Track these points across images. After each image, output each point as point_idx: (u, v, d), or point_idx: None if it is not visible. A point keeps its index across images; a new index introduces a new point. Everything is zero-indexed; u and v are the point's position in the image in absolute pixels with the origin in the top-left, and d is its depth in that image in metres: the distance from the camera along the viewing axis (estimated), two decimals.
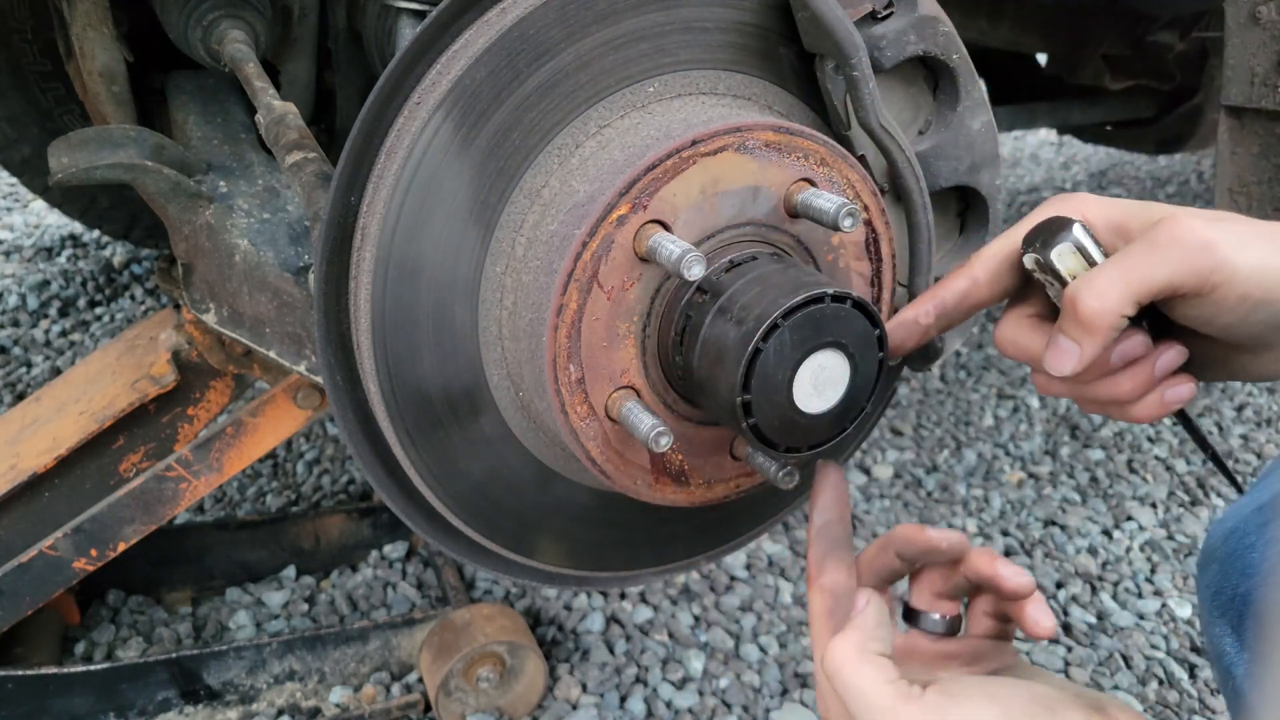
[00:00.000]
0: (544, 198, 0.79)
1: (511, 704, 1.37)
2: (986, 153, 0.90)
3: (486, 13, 0.77)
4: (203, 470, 1.25)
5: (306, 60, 1.53)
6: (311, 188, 0.95)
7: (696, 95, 0.83)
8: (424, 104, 0.76)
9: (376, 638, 1.40)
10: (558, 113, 0.79)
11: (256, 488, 1.90)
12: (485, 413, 0.85)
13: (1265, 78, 1.23)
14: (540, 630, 1.54)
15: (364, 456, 0.87)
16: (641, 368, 0.79)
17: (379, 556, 1.69)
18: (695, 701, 1.44)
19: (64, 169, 1.08)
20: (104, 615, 1.54)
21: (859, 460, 2.05)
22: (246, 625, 1.54)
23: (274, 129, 1.07)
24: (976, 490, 1.99)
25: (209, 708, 1.34)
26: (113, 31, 1.36)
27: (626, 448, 0.80)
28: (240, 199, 1.18)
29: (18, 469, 1.27)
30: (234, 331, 1.15)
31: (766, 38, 0.84)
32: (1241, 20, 1.24)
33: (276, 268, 1.10)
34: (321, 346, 0.83)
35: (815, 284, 0.72)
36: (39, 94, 2.06)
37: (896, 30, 0.82)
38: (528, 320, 0.78)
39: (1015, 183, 3.97)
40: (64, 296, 2.66)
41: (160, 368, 1.28)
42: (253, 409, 1.25)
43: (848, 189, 0.80)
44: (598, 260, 0.73)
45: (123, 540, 1.24)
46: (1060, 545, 1.83)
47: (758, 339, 0.70)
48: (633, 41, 0.79)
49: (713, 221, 0.77)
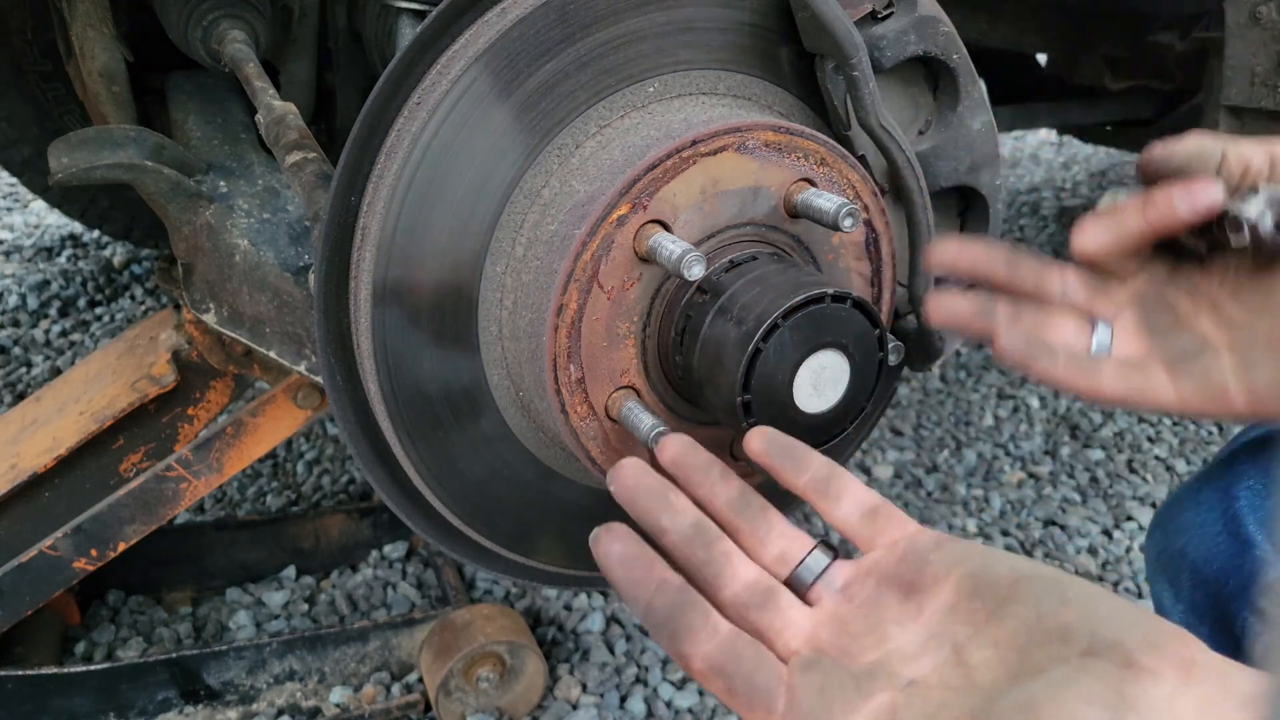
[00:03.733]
0: (544, 198, 0.79)
1: (511, 704, 1.37)
2: (986, 153, 0.90)
3: (486, 13, 0.77)
4: (203, 470, 1.24)
5: (306, 60, 1.53)
6: (311, 188, 0.95)
7: (696, 95, 0.83)
8: (424, 104, 0.76)
9: (376, 638, 1.40)
10: (558, 112, 0.79)
11: (256, 488, 1.90)
12: (485, 413, 0.85)
13: (1265, 78, 1.23)
14: (540, 630, 1.54)
15: (364, 456, 0.87)
16: (641, 368, 0.79)
17: (379, 556, 1.69)
18: (695, 701, 1.44)
19: (64, 169, 1.08)
20: (104, 615, 1.53)
21: (859, 460, 2.05)
22: (246, 625, 1.54)
23: (274, 129, 1.07)
24: (977, 490, 1.99)
25: (209, 708, 1.34)
26: (113, 31, 1.36)
27: (626, 448, 0.80)
28: (240, 199, 1.18)
29: (18, 469, 1.27)
30: (234, 331, 1.15)
31: (767, 38, 0.84)
32: (1242, 20, 1.24)
33: (276, 267, 1.10)
34: (321, 346, 0.83)
35: (815, 284, 0.72)
36: (39, 94, 2.05)
37: (896, 30, 0.82)
38: (528, 320, 0.78)
39: (1015, 182, 3.96)
40: (64, 296, 2.66)
41: (160, 368, 1.28)
42: (253, 409, 1.25)
43: (848, 189, 0.80)
44: (598, 260, 0.73)
45: (123, 540, 1.24)
46: (1060, 545, 1.83)
47: (758, 339, 0.70)
48: (633, 41, 0.79)
49: (713, 221, 0.77)
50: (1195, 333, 0.75)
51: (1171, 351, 0.76)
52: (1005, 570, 0.56)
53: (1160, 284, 0.78)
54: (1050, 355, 0.76)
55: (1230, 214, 0.69)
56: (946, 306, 0.80)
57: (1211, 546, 0.78)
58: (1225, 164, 0.72)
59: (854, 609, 0.61)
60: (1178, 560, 0.81)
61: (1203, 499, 0.82)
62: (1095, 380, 0.75)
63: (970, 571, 0.57)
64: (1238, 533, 0.76)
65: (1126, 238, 0.75)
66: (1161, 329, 0.77)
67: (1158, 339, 0.77)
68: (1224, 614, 0.75)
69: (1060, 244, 3.28)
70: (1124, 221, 0.74)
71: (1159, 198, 0.71)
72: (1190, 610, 0.79)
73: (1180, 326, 0.76)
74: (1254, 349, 0.72)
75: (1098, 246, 0.76)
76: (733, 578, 0.61)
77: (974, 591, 0.56)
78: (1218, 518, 0.78)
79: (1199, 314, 0.76)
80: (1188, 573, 0.80)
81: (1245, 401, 0.72)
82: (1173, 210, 0.71)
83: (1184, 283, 0.77)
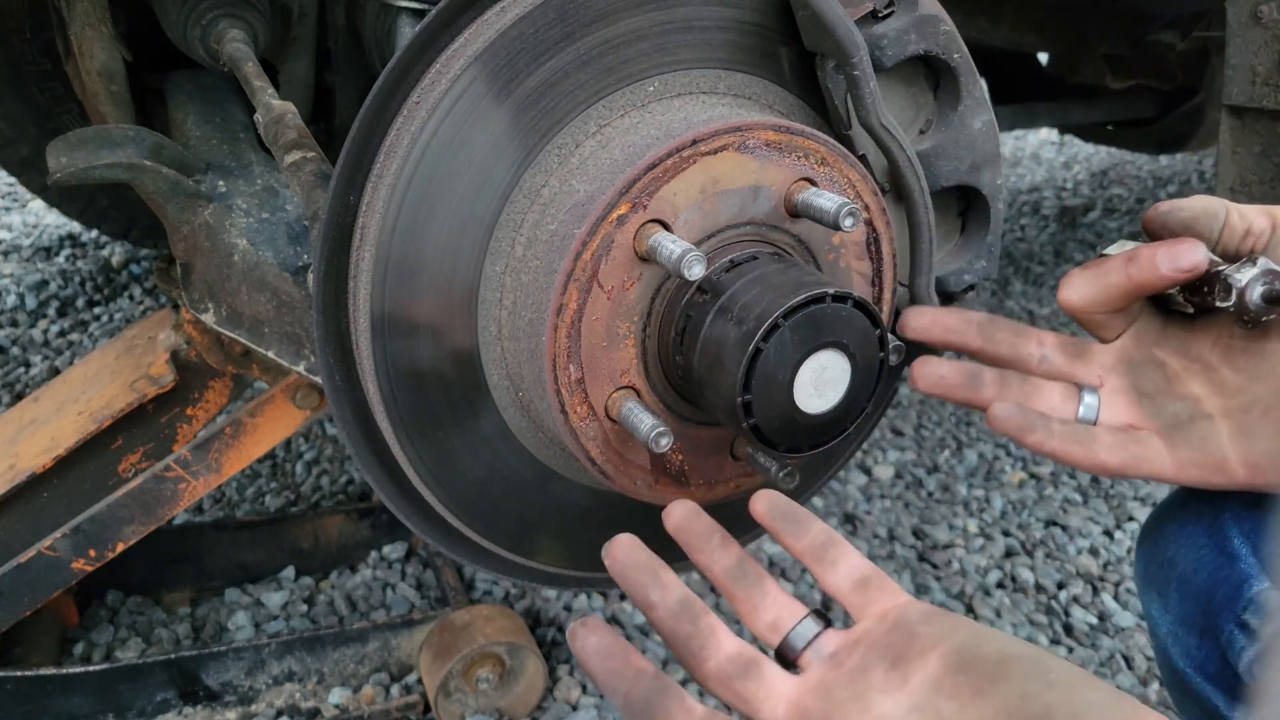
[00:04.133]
0: (544, 197, 0.79)
1: (511, 705, 1.37)
2: (988, 152, 0.90)
3: (486, 12, 0.77)
4: (202, 470, 1.24)
5: (306, 60, 1.53)
6: (310, 187, 0.94)
7: (697, 94, 0.83)
8: (423, 103, 0.76)
9: (376, 639, 1.40)
10: (558, 112, 0.78)
11: (255, 488, 1.90)
12: (485, 413, 0.85)
13: (1267, 77, 1.22)
14: (540, 631, 1.54)
15: (363, 457, 0.86)
16: (641, 368, 0.79)
17: (378, 557, 1.69)
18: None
19: (62, 168, 1.08)
20: (103, 616, 1.53)
21: (860, 460, 2.05)
22: (245, 626, 1.54)
23: (273, 128, 1.07)
24: (978, 490, 1.98)
25: (208, 709, 1.34)
26: (111, 31, 1.36)
27: (626, 448, 0.80)
28: (239, 198, 1.18)
29: (16, 469, 1.27)
30: (233, 331, 1.15)
31: (767, 37, 0.83)
32: (1243, 20, 1.23)
33: (275, 267, 1.10)
34: (320, 346, 0.82)
35: (816, 284, 0.72)
36: (37, 93, 2.05)
37: (897, 29, 0.82)
38: (527, 320, 0.78)
39: (1016, 182, 3.96)
40: (62, 296, 2.66)
41: (159, 368, 1.28)
42: (252, 409, 1.24)
43: (848, 188, 0.80)
44: (598, 260, 0.73)
45: (121, 541, 1.23)
46: (1061, 545, 1.83)
47: (758, 339, 0.70)
48: (633, 40, 0.79)
49: (713, 221, 0.76)
50: (1188, 397, 0.75)
51: (1165, 418, 0.76)
52: (993, 649, 0.58)
53: (1150, 343, 0.78)
54: (1045, 427, 0.77)
55: (1223, 277, 0.70)
56: (933, 374, 0.81)
57: (1198, 558, 0.78)
58: (1228, 225, 0.72)
59: (841, 676, 0.62)
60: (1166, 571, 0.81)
61: (1190, 510, 0.81)
62: (1093, 452, 0.76)
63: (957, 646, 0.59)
64: (1224, 545, 0.76)
65: (1111, 293, 0.75)
66: (1151, 392, 0.77)
67: (1148, 403, 0.77)
68: (1211, 625, 0.75)
69: (1061, 244, 3.28)
70: (1108, 276, 0.75)
71: (1143, 254, 0.72)
72: (1179, 621, 0.79)
73: (1171, 389, 0.76)
74: (1250, 417, 0.72)
75: (1081, 300, 0.77)
76: (717, 649, 0.64)
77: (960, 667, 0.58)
78: (1204, 529, 0.78)
79: (1190, 376, 0.76)
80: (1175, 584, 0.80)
81: (1245, 473, 0.73)
82: (1156, 268, 0.71)
83: (1174, 342, 0.77)
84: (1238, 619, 0.72)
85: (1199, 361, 0.76)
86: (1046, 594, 1.70)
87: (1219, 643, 0.74)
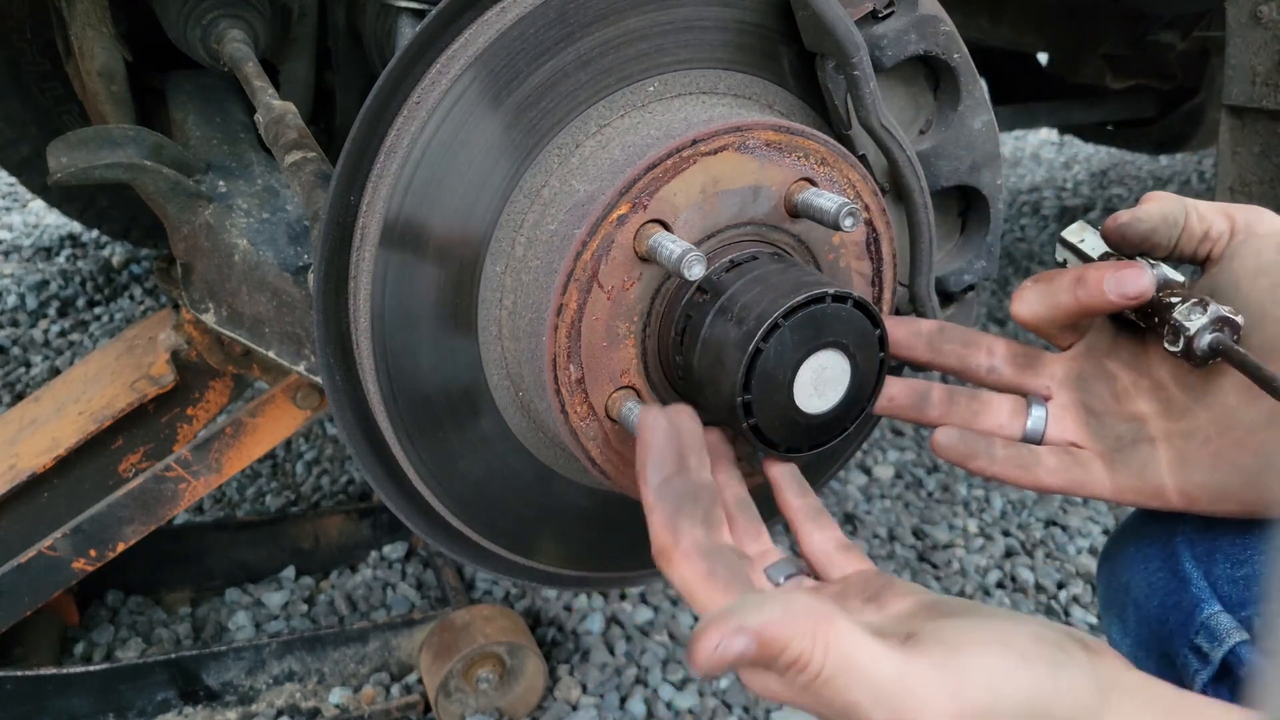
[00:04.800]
0: (544, 197, 0.79)
1: (511, 705, 1.37)
2: (988, 152, 0.90)
3: (486, 12, 0.77)
4: (202, 470, 1.24)
5: (306, 60, 1.53)
6: (311, 187, 0.94)
7: (697, 94, 0.83)
8: (423, 103, 0.76)
9: (376, 638, 1.40)
10: (558, 112, 0.78)
11: (256, 488, 1.90)
12: (485, 413, 0.85)
13: (1267, 77, 1.22)
14: (540, 631, 1.54)
15: (363, 457, 0.86)
16: (641, 368, 0.79)
17: (378, 557, 1.69)
18: (695, 702, 1.43)
19: (63, 168, 1.08)
20: (103, 616, 1.53)
21: (860, 460, 2.05)
22: (246, 626, 1.54)
23: (273, 128, 1.07)
24: (978, 490, 1.98)
25: (208, 708, 1.34)
26: (112, 31, 1.36)
27: (626, 448, 0.80)
28: (239, 198, 1.18)
29: (17, 469, 1.27)
30: (233, 331, 1.15)
31: (767, 37, 0.83)
32: (1243, 20, 1.23)
33: (276, 267, 1.10)
34: (321, 346, 0.82)
35: (816, 284, 0.72)
36: (38, 93, 2.05)
37: (897, 29, 0.82)
38: (527, 320, 0.78)
39: (1016, 182, 3.96)
40: (63, 296, 2.66)
41: (159, 368, 1.28)
42: (252, 409, 1.24)
43: (848, 188, 0.80)
44: (598, 260, 0.73)
45: (122, 540, 1.24)
46: (1061, 545, 1.83)
47: (758, 339, 0.70)
48: (633, 40, 0.79)
49: (713, 221, 0.76)
50: (1134, 418, 0.76)
51: (1109, 441, 0.77)
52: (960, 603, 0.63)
53: (1101, 354, 0.79)
54: (988, 453, 0.77)
55: (1172, 322, 0.70)
56: (882, 395, 0.81)
57: (1152, 582, 0.79)
58: (1186, 230, 0.73)
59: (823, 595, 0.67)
60: (1122, 595, 0.82)
61: (1145, 533, 0.82)
62: (1034, 475, 0.77)
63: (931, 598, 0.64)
64: (1176, 569, 0.76)
65: (1059, 310, 0.76)
66: (1098, 410, 0.78)
67: (1094, 422, 0.78)
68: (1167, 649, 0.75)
69: None
70: (1057, 295, 0.75)
71: (1091, 277, 0.73)
72: (1137, 644, 0.80)
73: (1119, 407, 0.77)
74: (1191, 445, 0.72)
75: (1031, 315, 0.77)
76: None
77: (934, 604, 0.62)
78: (1158, 552, 0.79)
79: (1139, 393, 0.76)
80: (1132, 607, 0.80)
81: (1180, 500, 0.74)
82: (1103, 294, 0.72)
83: (1126, 355, 0.77)
84: (1190, 643, 0.73)
85: (1149, 377, 0.76)
86: (1046, 594, 1.70)
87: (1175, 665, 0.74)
